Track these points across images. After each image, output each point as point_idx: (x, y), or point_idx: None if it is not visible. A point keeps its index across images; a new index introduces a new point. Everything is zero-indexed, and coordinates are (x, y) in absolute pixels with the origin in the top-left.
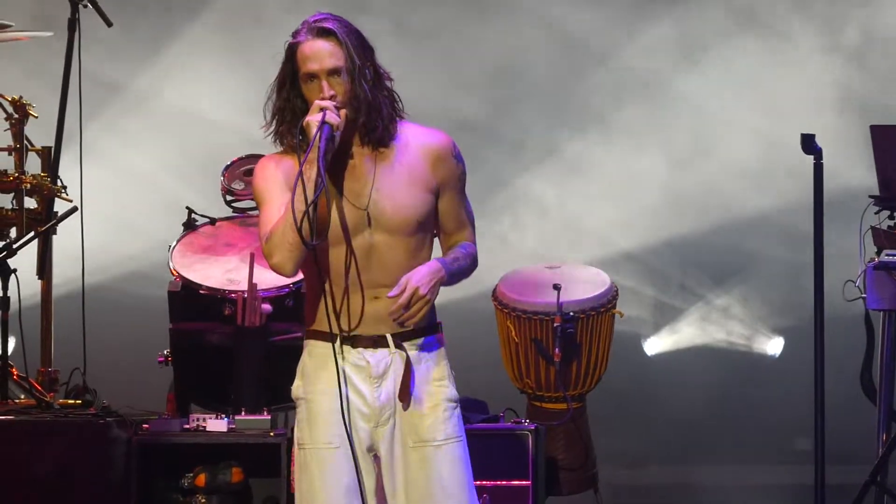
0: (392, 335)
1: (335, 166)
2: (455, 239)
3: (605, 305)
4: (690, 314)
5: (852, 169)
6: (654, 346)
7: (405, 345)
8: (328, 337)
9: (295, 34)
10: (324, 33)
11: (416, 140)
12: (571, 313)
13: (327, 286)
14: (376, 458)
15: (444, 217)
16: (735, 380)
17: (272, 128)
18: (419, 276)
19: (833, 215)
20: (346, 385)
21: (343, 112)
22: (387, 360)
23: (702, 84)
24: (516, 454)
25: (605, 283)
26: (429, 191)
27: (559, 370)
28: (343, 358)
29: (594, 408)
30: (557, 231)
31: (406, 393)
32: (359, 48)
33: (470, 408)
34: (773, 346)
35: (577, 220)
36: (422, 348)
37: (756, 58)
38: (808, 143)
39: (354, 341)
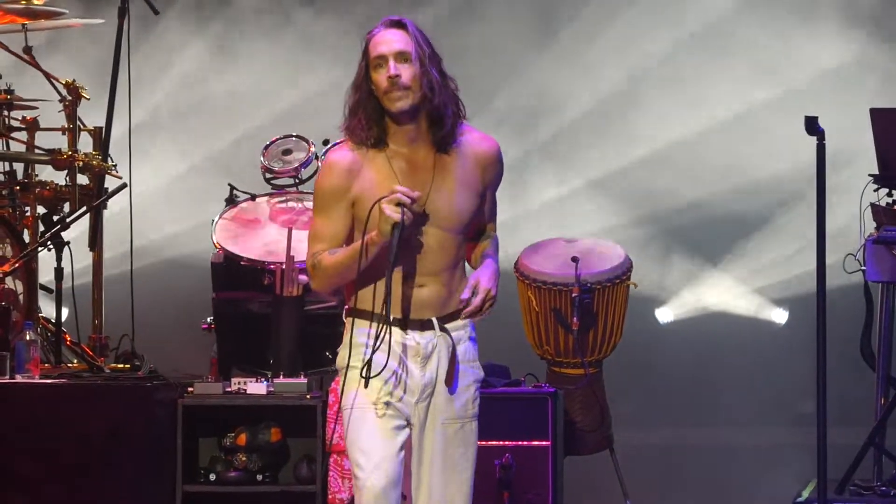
0: (437, 319)
1: (400, 164)
2: (485, 228)
3: (620, 277)
4: (701, 285)
5: None
6: (666, 315)
7: (447, 327)
8: (377, 318)
9: (370, 31)
10: (396, 24)
11: (470, 146)
12: (589, 284)
13: (378, 273)
14: (409, 425)
15: (482, 212)
16: (742, 347)
17: (346, 124)
18: (487, 278)
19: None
20: (393, 361)
21: (417, 194)
22: (433, 341)
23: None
24: (537, 416)
25: (621, 256)
26: (477, 195)
27: (577, 338)
28: (393, 338)
29: (610, 373)
30: (566, 201)
31: (451, 377)
32: (427, 44)
33: (493, 372)
34: (778, 315)
35: (585, 187)
36: (461, 329)
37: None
38: (812, 125)
39: (404, 324)
